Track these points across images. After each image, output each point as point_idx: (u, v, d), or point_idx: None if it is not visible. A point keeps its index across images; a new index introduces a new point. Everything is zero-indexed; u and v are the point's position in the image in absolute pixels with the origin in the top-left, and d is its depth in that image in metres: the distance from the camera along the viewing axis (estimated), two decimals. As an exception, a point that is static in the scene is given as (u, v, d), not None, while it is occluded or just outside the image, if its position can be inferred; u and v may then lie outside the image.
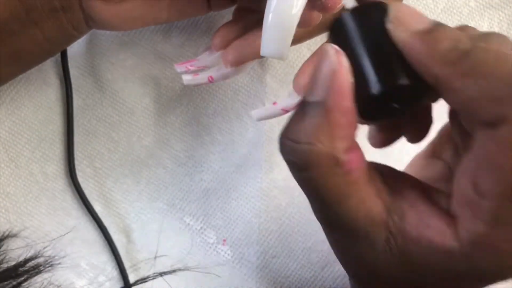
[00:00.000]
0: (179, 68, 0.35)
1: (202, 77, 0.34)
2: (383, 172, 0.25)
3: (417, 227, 0.22)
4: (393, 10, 0.22)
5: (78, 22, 0.31)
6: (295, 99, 0.34)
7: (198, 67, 0.35)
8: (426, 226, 0.22)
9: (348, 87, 0.22)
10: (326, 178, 0.22)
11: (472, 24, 0.42)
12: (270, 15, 0.25)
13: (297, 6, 0.25)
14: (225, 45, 0.34)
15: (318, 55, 0.23)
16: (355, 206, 0.22)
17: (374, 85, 0.22)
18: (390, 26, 0.22)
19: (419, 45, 0.21)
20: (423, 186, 0.24)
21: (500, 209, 0.20)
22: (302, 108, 0.23)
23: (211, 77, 0.34)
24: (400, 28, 0.22)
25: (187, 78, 0.35)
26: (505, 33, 0.42)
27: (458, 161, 0.23)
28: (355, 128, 0.23)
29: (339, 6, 0.27)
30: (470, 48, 0.21)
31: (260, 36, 0.33)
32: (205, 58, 0.35)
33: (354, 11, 0.23)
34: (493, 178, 0.20)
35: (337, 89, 0.22)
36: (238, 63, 0.33)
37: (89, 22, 0.31)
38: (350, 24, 0.23)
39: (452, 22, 0.42)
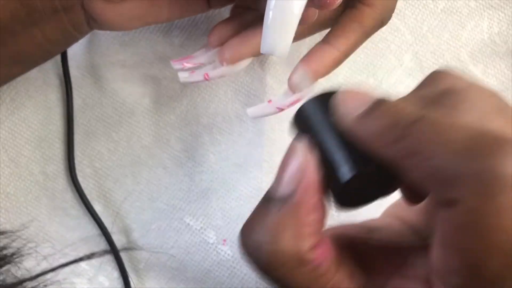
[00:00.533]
0: (175, 64, 0.35)
1: (198, 75, 0.34)
2: (357, 248, 0.24)
3: None
4: (334, 101, 0.22)
5: (79, 23, 0.31)
6: (290, 97, 0.34)
7: (194, 64, 0.35)
8: None
9: (315, 184, 0.21)
10: (292, 276, 0.21)
11: (472, 24, 0.42)
12: (271, 12, 0.25)
13: (298, 4, 0.25)
14: (221, 43, 0.34)
15: (287, 151, 0.22)
16: None
17: (341, 175, 0.21)
18: (333, 118, 0.21)
19: (359, 130, 0.20)
20: (399, 254, 0.23)
21: (463, 283, 0.19)
22: (265, 205, 0.22)
23: (206, 74, 0.34)
24: (340, 118, 0.21)
25: (183, 76, 0.35)
26: (504, 34, 0.42)
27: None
28: (322, 223, 0.22)
29: (337, 2, 0.27)
30: (413, 121, 0.19)
31: (256, 34, 0.33)
32: (202, 55, 0.35)
33: (314, 100, 0.23)
34: (456, 259, 0.19)
35: (305, 186, 0.21)
36: (234, 60, 0.33)
37: (91, 22, 0.31)
38: (312, 112, 0.22)
39: (452, 22, 0.42)
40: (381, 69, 0.42)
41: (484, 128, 0.18)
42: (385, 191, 0.23)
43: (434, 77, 0.22)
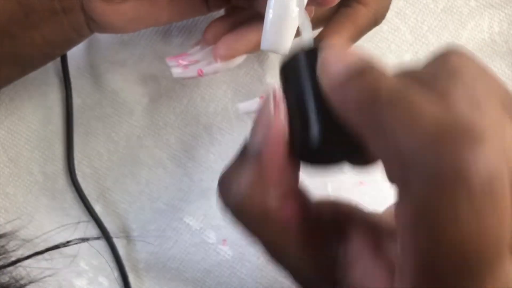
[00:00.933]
0: (170, 62, 0.35)
1: (192, 70, 0.35)
2: (336, 213, 0.23)
3: (360, 281, 0.20)
4: (321, 55, 0.20)
5: (79, 25, 0.30)
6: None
7: (189, 62, 0.35)
8: (368, 281, 0.20)
9: (280, 143, 0.21)
10: (260, 228, 0.21)
11: (472, 23, 0.42)
12: (271, 9, 0.25)
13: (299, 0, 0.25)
14: (216, 40, 0.34)
15: (262, 103, 0.22)
16: (294, 257, 0.21)
17: (312, 138, 0.20)
18: (318, 74, 0.20)
19: (335, 96, 0.19)
20: (376, 231, 0.22)
21: (416, 283, 0.17)
22: (240, 156, 0.22)
23: (200, 70, 0.34)
24: (323, 76, 0.20)
25: (177, 71, 0.35)
26: (505, 33, 0.42)
27: None
28: (294, 180, 0.22)
29: None
30: (390, 101, 0.18)
31: (251, 31, 0.33)
32: (197, 52, 0.35)
33: (304, 53, 0.21)
34: (404, 250, 0.17)
35: (271, 144, 0.21)
36: (229, 57, 0.33)
37: (90, 24, 0.31)
38: (301, 65, 0.21)
39: (452, 21, 0.42)
40: (381, 69, 0.41)
41: (459, 117, 0.17)
42: (352, 158, 0.21)
43: (439, 56, 0.20)
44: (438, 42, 0.42)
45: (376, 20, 0.34)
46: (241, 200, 0.21)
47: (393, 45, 0.41)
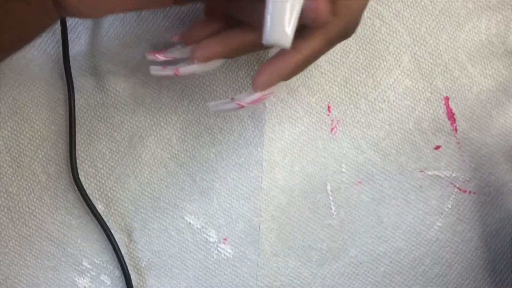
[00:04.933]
0: (149, 56, 0.35)
1: (169, 70, 0.35)
2: None
3: None
4: None
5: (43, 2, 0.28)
6: (251, 96, 0.34)
7: (166, 57, 0.35)
8: None
9: None
10: None
11: (470, 25, 0.42)
12: (270, 2, 0.25)
13: None
14: (196, 41, 0.34)
15: None
16: None
17: None
18: None
19: None
20: None
21: None
22: None
23: (177, 70, 0.34)
24: None
25: (154, 69, 0.35)
26: (502, 35, 0.42)
27: None
28: None
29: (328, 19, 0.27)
30: None
31: (231, 36, 0.33)
32: (176, 50, 0.35)
33: None
34: None
35: None
36: (205, 59, 0.34)
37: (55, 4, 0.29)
38: None
39: (450, 23, 0.42)
40: (379, 70, 0.42)
41: None
42: None
43: None
44: (436, 43, 0.42)
45: (347, 31, 0.33)
46: None
47: (391, 46, 0.42)
